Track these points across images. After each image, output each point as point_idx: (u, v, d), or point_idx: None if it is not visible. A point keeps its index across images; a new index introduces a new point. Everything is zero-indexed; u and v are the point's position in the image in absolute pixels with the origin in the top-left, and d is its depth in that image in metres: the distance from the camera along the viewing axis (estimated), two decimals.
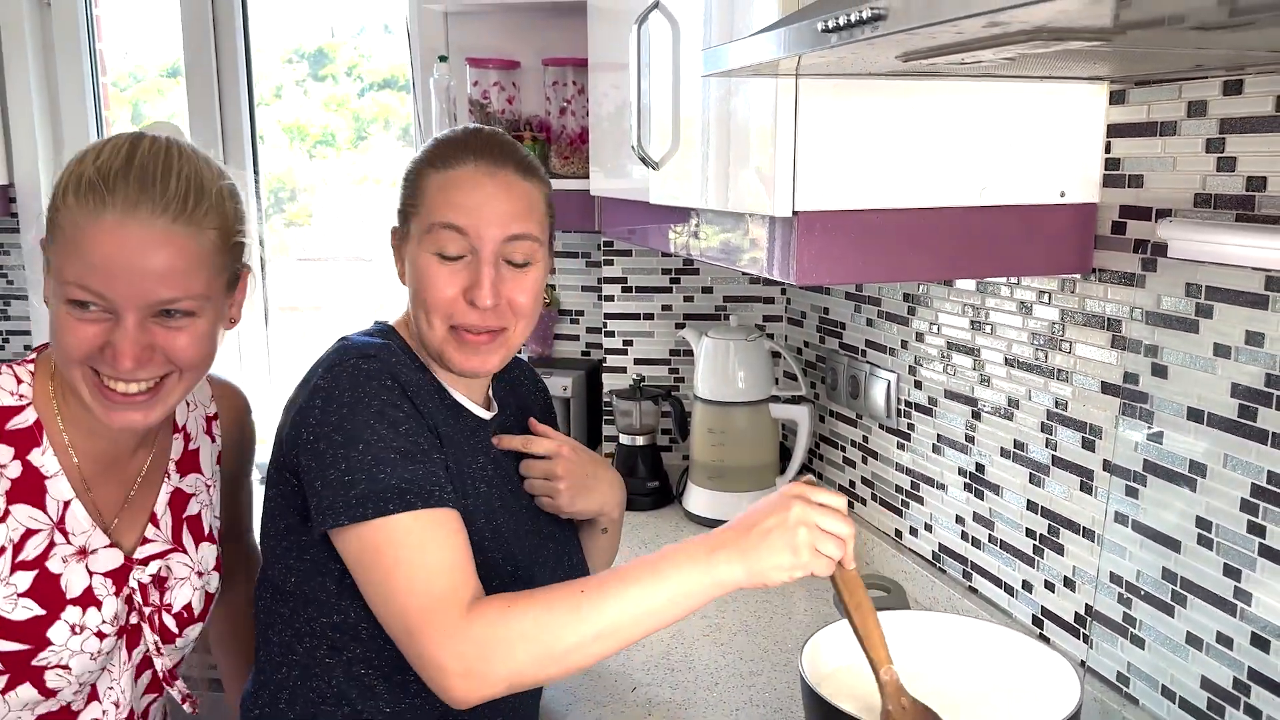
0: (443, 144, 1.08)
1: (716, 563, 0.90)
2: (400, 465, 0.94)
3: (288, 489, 1.01)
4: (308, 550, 1.01)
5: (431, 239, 1.03)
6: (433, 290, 1.03)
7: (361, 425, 0.95)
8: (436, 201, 1.04)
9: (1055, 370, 1.27)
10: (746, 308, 2.09)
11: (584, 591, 0.90)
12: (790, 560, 0.90)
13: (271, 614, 1.06)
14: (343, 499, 0.93)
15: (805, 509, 0.91)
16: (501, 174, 1.05)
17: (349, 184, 2.82)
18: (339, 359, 0.99)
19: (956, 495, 1.50)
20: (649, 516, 1.98)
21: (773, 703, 1.30)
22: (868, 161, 1.08)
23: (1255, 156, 0.96)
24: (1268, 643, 0.97)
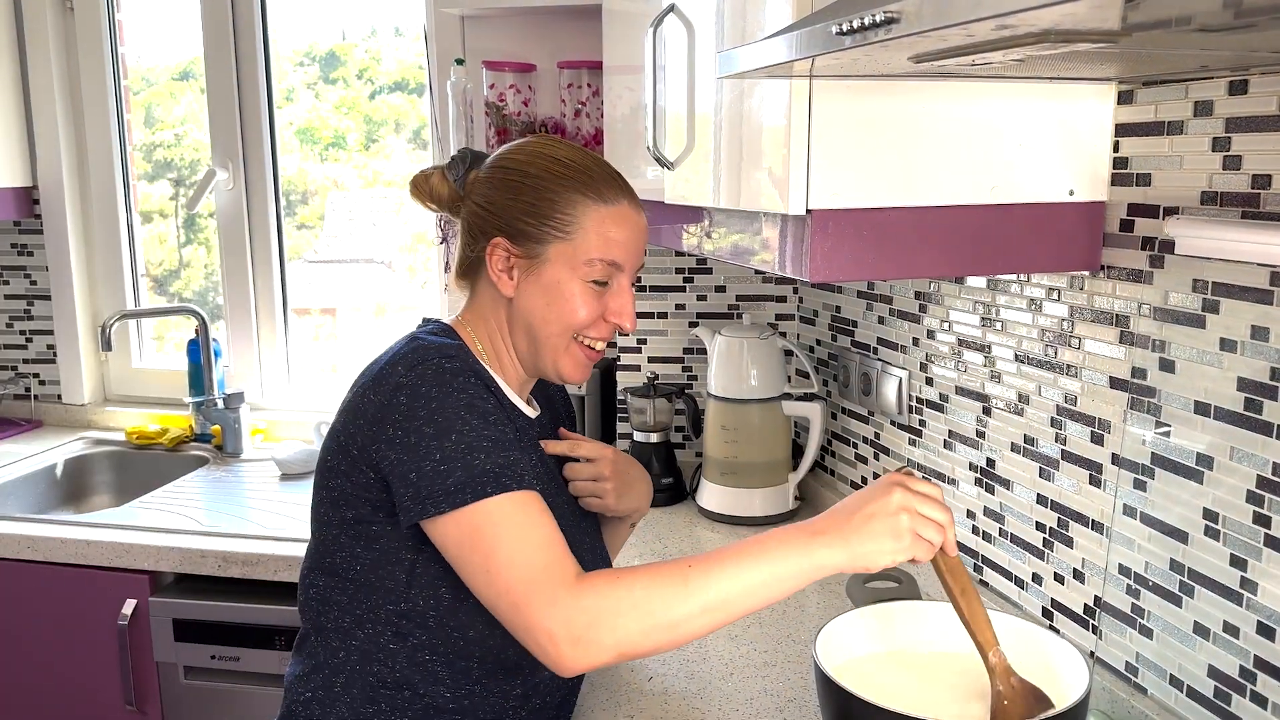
0: (583, 172, 1.10)
1: (816, 547, 0.95)
2: (493, 452, 0.98)
3: (361, 481, 1.03)
4: (377, 540, 1.05)
5: (588, 269, 1.09)
6: (577, 312, 1.10)
7: (453, 417, 0.98)
8: (597, 237, 1.09)
9: (1065, 366, 1.29)
10: (759, 306, 2.11)
11: (691, 566, 0.95)
12: (893, 545, 0.95)
13: (326, 600, 1.09)
14: (440, 488, 0.97)
15: (906, 495, 0.96)
16: (642, 214, 1.15)
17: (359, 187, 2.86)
18: (420, 357, 1.02)
19: (968, 490, 1.52)
20: (663, 513, 2.00)
21: (786, 693, 1.33)
22: (880, 161, 1.11)
23: (1260, 155, 0.98)
24: (1273, 631, 0.99)
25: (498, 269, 1.11)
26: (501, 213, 1.10)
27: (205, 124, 2.58)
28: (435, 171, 1.18)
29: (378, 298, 2.93)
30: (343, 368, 2.79)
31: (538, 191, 1.08)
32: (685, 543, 1.86)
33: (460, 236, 1.16)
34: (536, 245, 1.09)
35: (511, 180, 1.10)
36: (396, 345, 1.08)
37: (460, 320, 1.16)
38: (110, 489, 2.52)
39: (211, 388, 2.51)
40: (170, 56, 2.76)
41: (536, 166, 1.10)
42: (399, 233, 2.88)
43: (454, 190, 1.16)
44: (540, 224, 1.08)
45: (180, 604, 1.90)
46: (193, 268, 2.85)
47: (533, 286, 1.10)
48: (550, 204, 1.08)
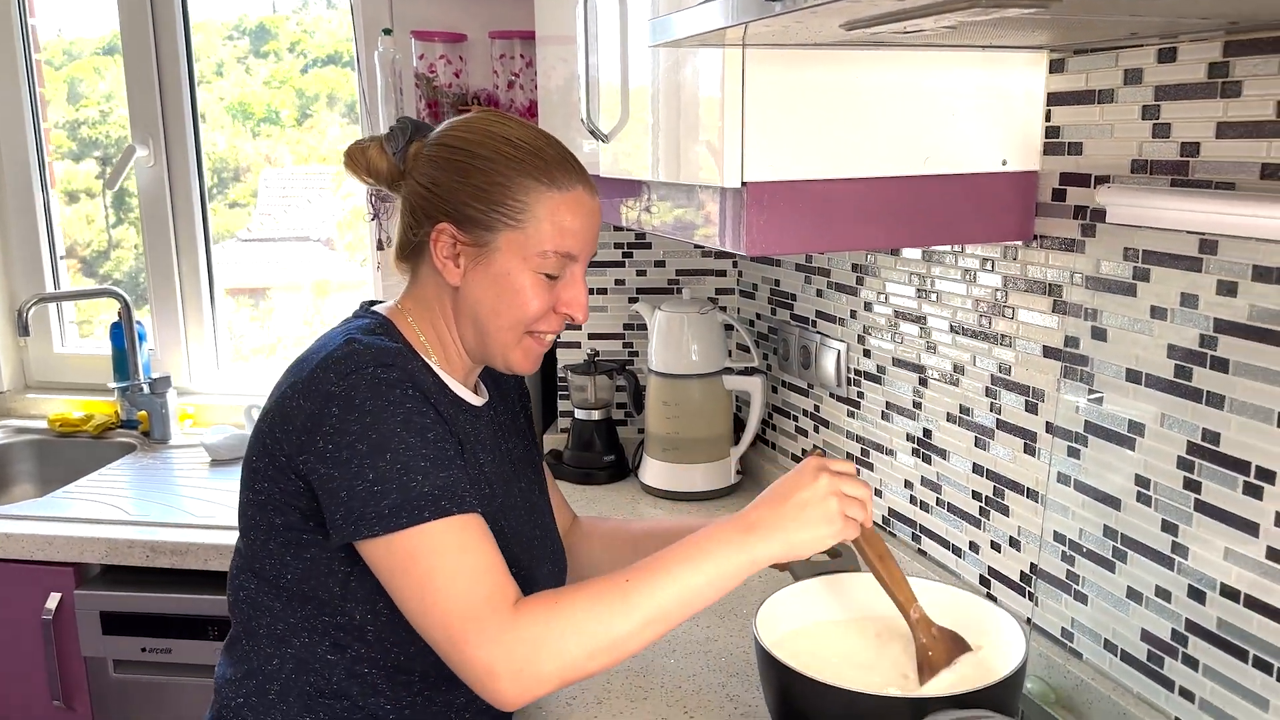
0: (536, 155, 1.03)
1: (753, 542, 0.94)
2: (431, 473, 0.93)
3: (289, 488, 0.98)
4: (308, 549, 1.00)
5: (541, 262, 1.03)
6: (528, 305, 1.04)
7: (388, 434, 0.92)
8: (551, 226, 1.03)
9: (999, 336, 1.29)
10: (699, 281, 2.10)
11: (629, 581, 0.93)
12: (827, 530, 0.96)
13: (257, 605, 1.04)
14: (374, 510, 0.91)
15: (832, 479, 0.97)
16: (597, 199, 1.08)
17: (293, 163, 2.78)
18: (355, 364, 0.95)
19: (905, 460, 1.53)
20: (606, 490, 1.99)
21: (729, 667, 1.32)
22: (815, 132, 1.09)
23: (1189, 123, 0.99)
24: (1203, 595, 1.01)
25: (443, 256, 1.04)
26: (447, 196, 1.02)
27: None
28: (373, 143, 1.10)
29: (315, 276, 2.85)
30: (279, 350, 2.72)
31: (487, 175, 1.01)
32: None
33: (401, 215, 1.09)
34: (485, 233, 1.02)
35: (458, 161, 1.03)
36: (330, 339, 1.02)
37: (401, 308, 1.10)
38: (32, 479, 2.43)
39: (137, 372, 2.43)
40: (94, 29, 2.65)
41: (486, 148, 1.02)
42: (336, 209, 2.81)
43: (393, 164, 1.08)
44: (490, 210, 1.01)
45: (108, 596, 1.84)
46: (123, 248, 2.76)
47: (480, 276, 1.03)
48: (501, 189, 1.01)
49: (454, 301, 1.06)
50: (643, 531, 1.26)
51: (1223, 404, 0.97)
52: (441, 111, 2.20)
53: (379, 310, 1.10)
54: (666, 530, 1.24)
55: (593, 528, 1.31)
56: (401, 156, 1.07)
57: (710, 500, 1.90)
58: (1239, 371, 0.95)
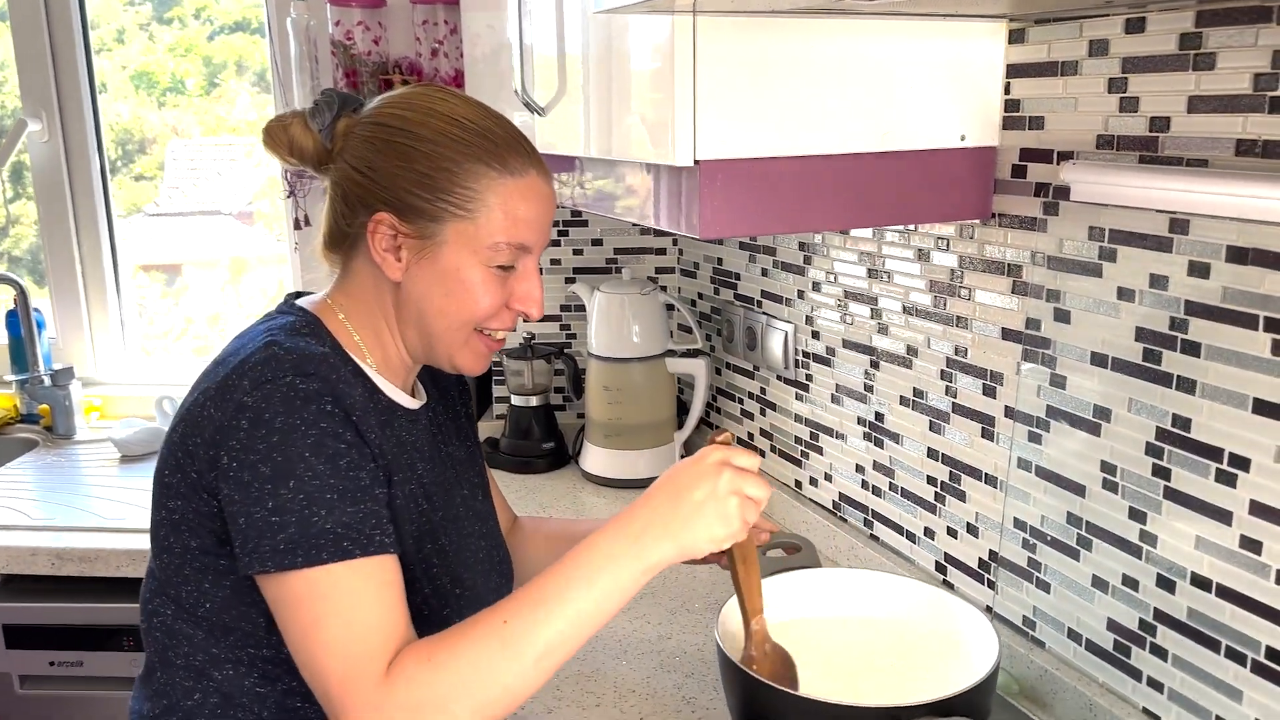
0: (484, 137, 0.93)
1: (645, 546, 0.85)
2: (337, 507, 0.83)
3: (202, 508, 0.88)
4: (226, 577, 0.90)
5: (493, 254, 0.94)
6: (478, 302, 0.94)
7: (295, 458, 0.82)
8: (504, 216, 0.93)
9: (955, 317, 1.25)
10: (638, 260, 2.03)
11: (506, 621, 0.82)
12: (723, 532, 0.87)
13: (174, 633, 0.93)
14: (269, 543, 0.82)
15: (734, 477, 0.87)
16: (551, 184, 0.98)
17: (201, 134, 2.63)
18: (271, 372, 0.85)
19: (856, 444, 1.49)
20: (545, 479, 1.92)
21: (684, 667, 1.27)
22: (771, 107, 1.03)
23: (1158, 96, 0.95)
24: (1173, 583, 0.98)
25: (381, 249, 0.93)
26: (387, 182, 0.92)
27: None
28: (295, 119, 0.98)
29: (230, 252, 2.71)
30: (193, 334, 2.58)
31: (432, 160, 0.91)
32: (570, 510, 1.77)
33: (329, 201, 0.98)
34: (430, 224, 0.92)
35: (398, 143, 0.92)
36: (249, 339, 0.91)
37: (330, 303, 0.99)
38: None
39: (36, 363, 2.27)
40: None
41: (429, 128, 0.92)
42: (251, 181, 2.67)
43: (319, 143, 0.97)
44: (436, 199, 0.91)
45: (10, 608, 1.71)
46: (23, 224, 2.57)
47: (426, 272, 0.93)
48: (448, 176, 0.91)
49: (395, 298, 0.97)
50: (586, 531, 1.19)
51: (1194, 389, 0.94)
52: (361, 82, 2.08)
53: (306, 305, 0.99)
54: None
55: (535, 528, 1.23)
56: (328, 134, 0.97)
57: None
58: (1212, 355, 0.92)
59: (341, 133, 0.97)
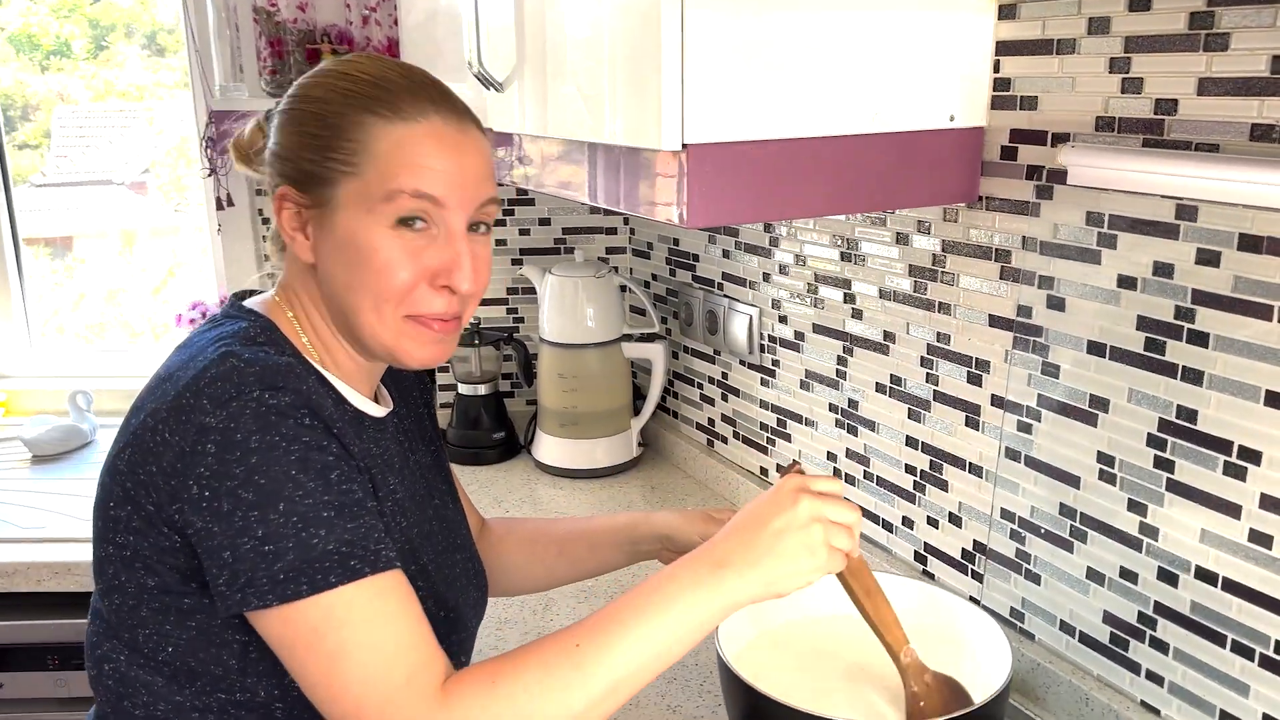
0: (376, 85, 0.83)
1: (725, 580, 0.79)
2: (337, 524, 0.75)
3: (161, 544, 0.79)
4: (191, 617, 0.80)
5: (390, 209, 0.81)
6: (390, 275, 0.82)
7: (280, 478, 0.74)
8: (396, 164, 0.81)
9: (936, 303, 1.22)
10: (588, 239, 1.95)
11: (579, 645, 0.76)
12: (810, 564, 0.81)
13: (130, 682, 0.84)
14: (265, 574, 0.73)
15: (814, 503, 0.81)
16: (470, 130, 0.86)
17: (89, 99, 2.46)
18: (235, 388, 0.75)
19: (828, 432, 1.45)
20: (497, 471, 1.84)
21: (667, 672, 1.21)
22: (761, 87, 0.96)
23: (1165, 77, 0.91)
24: (1176, 576, 0.97)
25: (290, 227, 0.86)
26: (286, 154, 0.85)
27: None
28: (252, 123, 0.91)
29: (124, 223, 2.54)
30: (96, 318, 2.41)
31: (320, 118, 0.83)
32: (525, 503, 1.71)
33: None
34: (324, 189, 0.83)
35: (294, 110, 0.86)
36: (197, 350, 0.82)
37: (278, 302, 0.90)
38: None
39: None
40: None
41: (321, 88, 0.85)
42: (146, 150, 2.51)
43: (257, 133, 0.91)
44: (324, 159, 0.83)
45: None
46: None
47: (328, 243, 0.84)
48: (334, 130, 0.82)
49: (319, 287, 0.88)
50: (569, 534, 1.13)
51: (1201, 380, 0.92)
52: (287, 51, 1.94)
53: (256, 308, 0.89)
54: (596, 531, 1.11)
55: (507, 531, 1.16)
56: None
57: (612, 476, 1.79)
58: (1221, 346, 0.90)
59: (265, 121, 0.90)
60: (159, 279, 2.56)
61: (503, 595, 1.14)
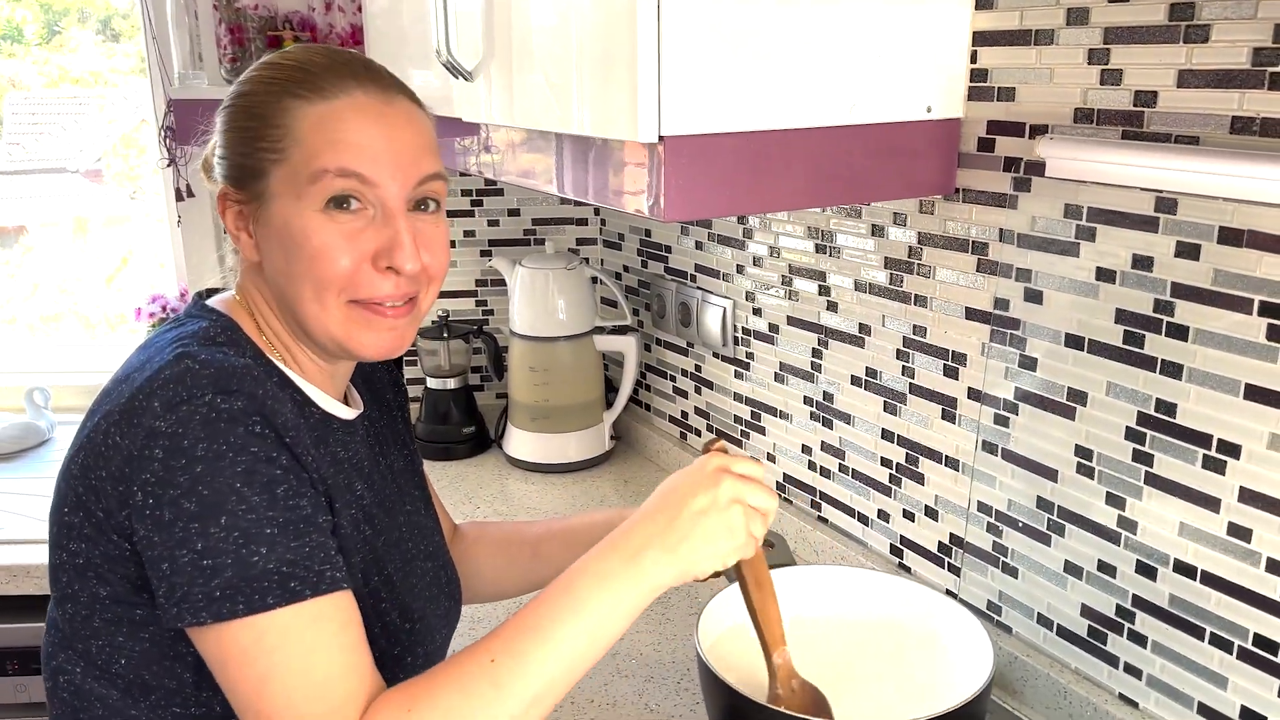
0: (298, 69, 0.81)
1: (644, 567, 0.77)
2: (280, 542, 0.72)
3: (111, 551, 0.76)
4: (144, 629, 0.78)
5: (318, 191, 0.78)
6: (327, 260, 0.79)
7: (224, 490, 0.71)
8: (319, 142, 0.78)
9: (913, 296, 1.21)
10: (558, 230, 1.92)
11: (495, 661, 0.73)
12: (728, 546, 0.79)
13: (85, 694, 0.81)
14: (201, 590, 0.70)
15: (736, 484, 0.79)
16: (398, 103, 0.82)
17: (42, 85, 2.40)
18: (187, 391, 0.72)
19: (803, 425, 1.44)
20: (467, 466, 1.81)
21: (642, 671, 1.20)
22: (738, 77, 0.95)
23: (1144, 69, 0.91)
24: (1154, 570, 0.97)
25: (235, 228, 0.84)
26: (223, 153, 0.84)
27: None
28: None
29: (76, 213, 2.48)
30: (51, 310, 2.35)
31: (247, 110, 0.82)
32: (496, 499, 1.68)
33: None
34: (256, 181, 0.81)
35: (228, 109, 0.84)
36: (154, 351, 0.79)
37: (237, 300, 0.87)
38: None
39: None
40: None
41: (250, 82, 0.84)
42: (101, 137, 2.45)
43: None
44: (254, 149, 0.81)
45: None
46: None
47: (267, 237, 0.82)
48: (260, 119, 0.81)
49: (267, 284, 0.85)
50: (544, 534, 1.10)
51: (1180, 373, 0.92)
52: (248, 39, 1.90)
53: (217, 306, 0.87)
54: (573, 530, 1.09)
55: (480, 534, 1.14)
56: None
57: (584, 470, 1.77)
58: (1200, 340, 0.90)
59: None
60: (113, 268, 2.51)
61: (478, 602, 1.12)
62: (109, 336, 2.42)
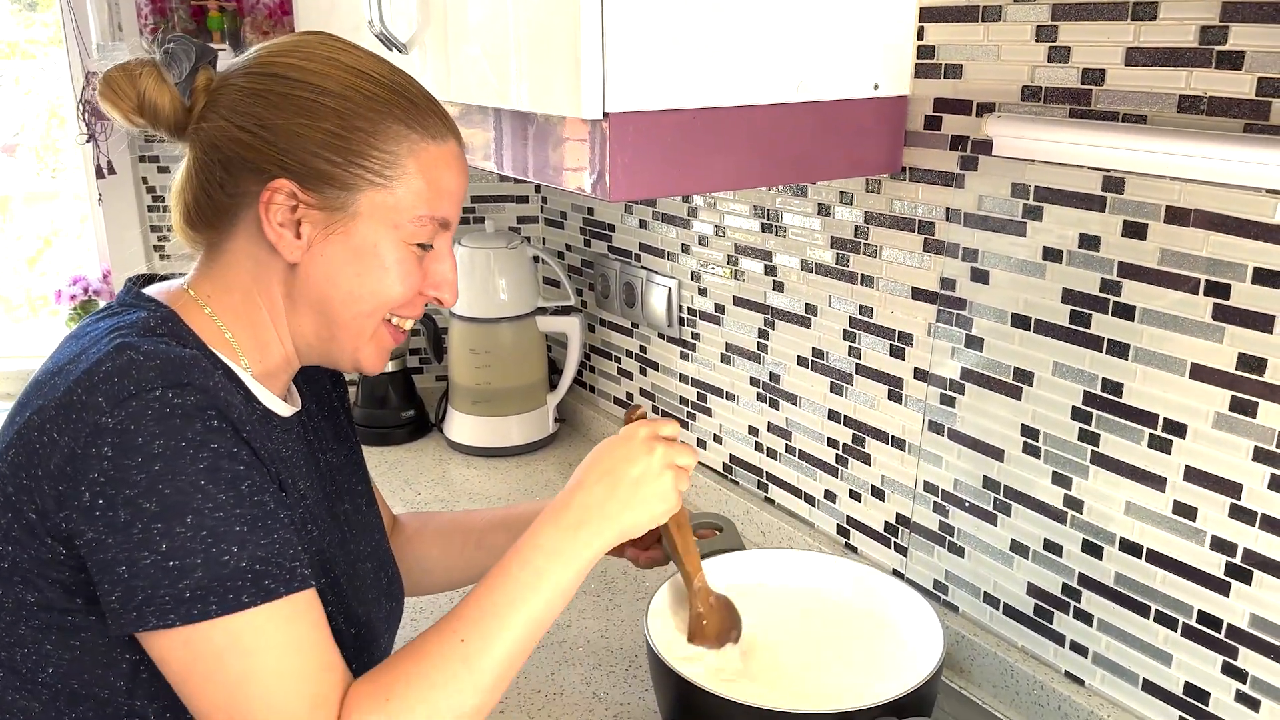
0: (400, 94, 0.80)
1: (586, 536, 0.81)
2: (249, 540, 0.69)
3: (43, 555, 0.72)
4: (76, 635, 0.73)
5: (417, 231, 0.81)
6: (394, 285, 0.81)
7: (187, 488, 0.68)
8: (424, 185, 0.80)
9: (859, 275, 1.20)
10: (498, 209, 1.88)
11: (465, 641, 0.75)
12: (662, 509, 0.85)
13: (6, 705, 0.76)
14: (169, 592, 0.67)
15: (667, 449, 0.85)
16: (464, 150, 0.86)
17: None
18: (134, 387, 0.68)
19: (749, 405, 1.43)
20: (406, 451, 1.77)
21: (589, 659, 1.18)
22: (685, 53, 0.92)
23: (1092, 47, 0.90)
24: (1100, 548, 0.97)
25: (276, 223, 0.78)
26: (286, 144, 0.77)
27: None
28: (146, 69, 0.80)
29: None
30: None
31: (344, 118, 0.77)
32: (437, 484, 1.65)
33: (191, 167, 0.81)
34: (341, 193, 0.78)
35: (300, 97, 0.77)
36: (89, 341, 0.74)
37: (190, 294, 0.82)
38: None
39: None
40: None
41: (336, 81, 0.78)
42: (16, 111, 2.33)
43: (177, 99, 0.79)
44: (350, 163, 0.78)
45: None
46: None
47: (335, 250, 0.79)
48: (364, 137, 0.78)
49: (287, 283, 0.81)
50: (488, 523, 1.08)
51: (1127, 353, 0.92)
52: (170, 9, 1.81)
53: (157, 296, 0.81)
54: (518, 518, 1.06)
55: (421, 526, 1.10)
56: (186, 89, 0.79)
57: (528, 454, 1.74)
58: (1147, 319, 0.90)
59: (204, 87, 0.80)
60: (35, 249, 2.40)
61: (421, 595, 1.09)
62: (31, 321, 2.33)
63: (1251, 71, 0.79)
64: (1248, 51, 0.79)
